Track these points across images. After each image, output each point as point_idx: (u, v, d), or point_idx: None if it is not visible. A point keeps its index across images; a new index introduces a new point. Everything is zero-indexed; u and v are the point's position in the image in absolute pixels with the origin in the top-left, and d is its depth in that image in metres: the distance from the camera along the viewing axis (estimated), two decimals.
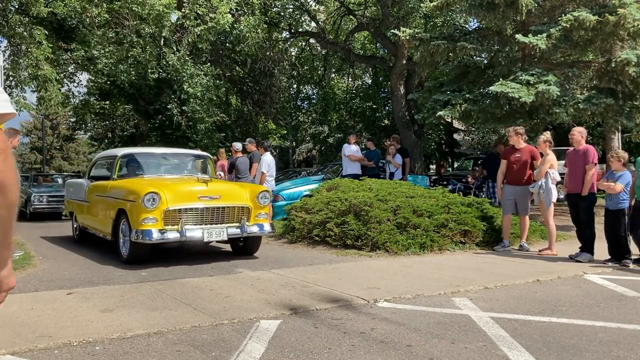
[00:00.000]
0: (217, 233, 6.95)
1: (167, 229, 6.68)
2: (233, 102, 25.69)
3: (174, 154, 9.27)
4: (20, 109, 16.85)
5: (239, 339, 3.97)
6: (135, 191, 6.78)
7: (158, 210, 6.59)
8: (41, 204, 14.20)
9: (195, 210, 6.90)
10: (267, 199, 7.36)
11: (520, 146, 8.15)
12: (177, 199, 6.78)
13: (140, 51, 16.64)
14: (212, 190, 7.05)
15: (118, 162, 8.13)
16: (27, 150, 48.83)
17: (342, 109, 28.67)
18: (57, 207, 13.89)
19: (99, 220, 8.04)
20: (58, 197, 13.82)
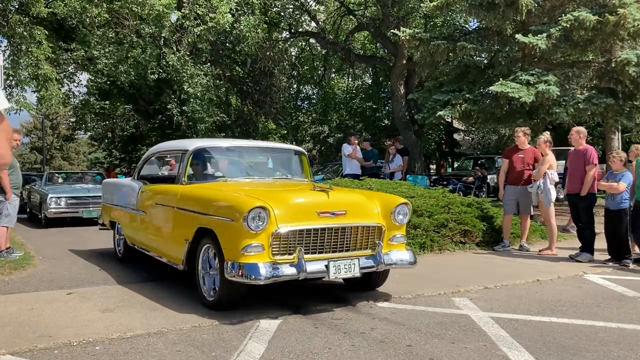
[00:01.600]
0: (347, 267, 4.71)
1: (278, 262, 4.49)
2: (233, 102, 25.68)
3: (263, 149, 6.97)
4: (20, 109, 16.83)
5: (239, 339, 3.97)
6: (233, 204, 4.61)
7: (265, 233, 4.42)
8: (59, 207, 11.92)
9: (315, 232, 4.66)
10: (406, 214, 5.23)
11: (524, 147, 8.17)
12: (290, 215, 4.60)
13: (140, 51, 16.64)
14: (335, 203, 4.83)
15: (190, 158, 5.80)
16: (27, 150, 48.83)
17: (342, 109, 28.67)
18: (76, 211, 12.01)
19: (162, 239, 5.85)
20: (79, 199, 12.12)
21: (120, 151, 30.01)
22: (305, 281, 4.83)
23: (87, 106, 23.36)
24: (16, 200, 7.40)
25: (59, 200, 11.94)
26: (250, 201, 4.49)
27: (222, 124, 20.30)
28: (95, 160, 39.98)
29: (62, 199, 12.00)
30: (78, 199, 12.11)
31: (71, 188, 13.07)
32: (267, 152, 6.88)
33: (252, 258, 4.40)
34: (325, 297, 5.22)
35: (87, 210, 11.96)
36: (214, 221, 4.75)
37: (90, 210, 11.87)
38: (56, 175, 15.10)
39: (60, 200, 11.96)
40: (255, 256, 4.41)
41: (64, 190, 12.52)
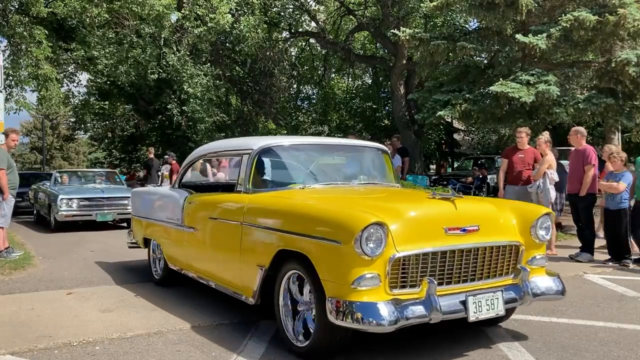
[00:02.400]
0: (489, 302, 3.56)
1: (399, 297, 3.32)
2: (233, 102, 25.69)
3: (343, 147, 5.54)
4: (20, 109, 16.83)
5: (239, 339, 3.97)
6: (339, 220, 3.44)
7: (381, 258, 3.28)
8: (70, 209, 10.74)
9: (443, 255, 3.49)
10: (548, 229, 4.01)
11: (524, 147, 8.17)
12: (411, 234, 3.41)
13: (140, 52, 16.64)
14: (465, 216, 3.66)
15: (255, 160, 4.53)
16: (27, 150, 48.82)
17: (342, 109, 28.66)
18: (89, 214, 11.00)
19: (221, 264, 4.63)
20: (92, 201, 11.07)
21: (120, 151, 30.01)
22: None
23: (87, 106, 23.37)
24: (12, 200, 7.39)
25: (71, 202, 10.77)
26: (363, 216, 3.30)
27: (222, 124, 20.31)
28: (95, 160, 39.98)
29: (74, 200, 10.82)
30: (91, 200, 11.05)
31: (84, 188, 11.93)
32: (347, 150, 5.48)
33: (367, 294, 3.26)
34: None
35: (101, 212, 11.03)
36: (306, 243, 3.53)
37: (104, 212, 11.06)
38: (66, 174, 13.61)
39: (71, 202, 10.79)
40: (370, 291, 3.26)
41: (75, 191, 11.36)
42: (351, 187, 4.80)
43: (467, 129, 27.23)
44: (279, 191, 4.43)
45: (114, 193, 11.51)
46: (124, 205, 10.84)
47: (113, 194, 11.45)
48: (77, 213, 10.86)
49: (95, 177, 13.52)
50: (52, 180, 12.55)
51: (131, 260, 7.21)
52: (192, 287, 5.61)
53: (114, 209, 11.13)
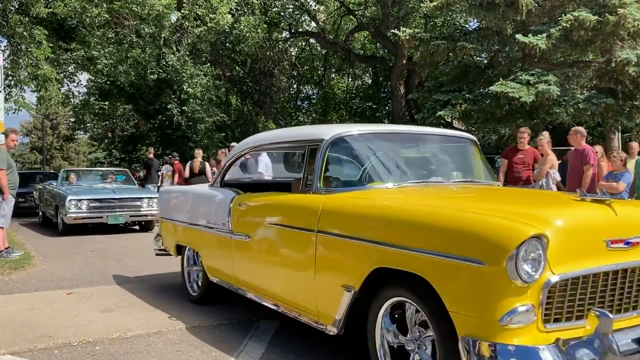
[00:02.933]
0: None
1: (558, 334, 2.47)
2: (233, 102, 25.70)
3: (432, 137, 4.48)
4: (19, 109, 16.82)
5: (239, 339, 3.97)
6: (484, 231, 2.50)
7: (536, 284, 2.41)
8: (79, 211, 10.05)
9: (605, 277, 2.65)
10: None
11: (524, 147, 8.17)
12: (569, 250, 2.56)
13: (140, 51, 16.64)
14: (630, 223, 2.83)
15: (326, 152, 3.66)
16: (27, 150, 48.83)
17: (342, 109, 28.66)
18: (100, 216, 10.29)
19: (289, 282, 3.69)
20: (103, 202, 10.40)
21: (120, 151, 30.00)
22: None
23: (86, 106, 23.37)
24: (12, 200, 7.39)
25: (80, 203, 10.04)
26: (519, 228, 2.43)
27: (222, 124, 20.31)
28: (95, 160, 39.98)
29: (84, 201, 10.09)
30: (102, 201, 10.36)
31: (93, 189, 11.19)
32: (435, 141, 4.46)
33: (519, 333, 2.39)
34: None
35: (112, 214, 10.34)
36: (422, 261, 2.67)
37: (116, 215, 10.40)
38: (74, 173, 12.58)
39: (81, 203, 10.06)
40: (522, 330, 2.39)
41: (85, 191, 10.65)
42: (449, 186, 3.89)
43: (467, 129, 27.22)
44: (360, 191, 3.53)
45: (126, 193, 10.93)
46: (137, 206, 10.64)
47: (125, 194, 10.85)
48: (87, 215, 10.15)
49: (106, 176, 12.72)
50: (59, 180, 11.81)
51: (131, 260, 7.21)
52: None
53: (126, 210, 10.57)
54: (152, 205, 10.55)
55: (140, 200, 10.73)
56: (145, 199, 10.75)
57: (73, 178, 12.04)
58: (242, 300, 5.03)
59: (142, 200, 10.73)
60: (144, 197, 10.85)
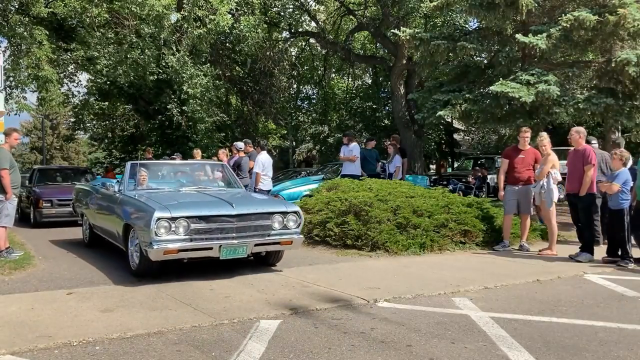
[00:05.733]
0: None
1: None
2: (233, 102, 25.70)
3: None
4: (21, 110, 16.79)
5: (239, 339, 3.98)
6: None
7: None
8: (176, 238, 5.56)
9: None
10: None
11: (525, 147, 8.17)
12: None
13: (140, 52, 16.64)
14: None
15: None
16: (27, 150, 48.85)
17: (342, 109, 28.69)
18: (208, 247, 5.69)
19: None
20: (211, 222, 5.57)
21: (120, 151, 30.01)
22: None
23: (86, 107, 23.38)
24: (15, 200, 7.42)
25: (176, 225, 5.66)
26: None
27: (222, 124, 20.32)
28: (95, 160, 39.98)
29: (181, 221, 5.70)
30: (212, 220, 5.90)
31: (189, 195, 6.87)
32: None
33: None
34: (325, 297, 5.22)
35: (229, 244, 5.89)
36: None
37: (234, 244, 5.93)
38: (146, 169, 7.57)
39: (178, 225, 5.69)
40: None
41: (182, 203, 6.12)
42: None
43: (467, 129, 27.26)
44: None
45: (248, 205, 6.30)
46: (266, 227, 6.15)
47: (247, 206, 6.22)
48: (187, 246, 5.71)
49: (196, 173, 8.11)
50: (125, 179, 7.13)
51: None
52: (193, 287, 5.62)
53: (251, 235, 6.05)
54: (289, 224, 6.30)
55: (271, 217, 6.20)
56: (278, 214, 6.27)
57: (144, 177, 7.29)
58: (242, 300, 5.03)
59: (274, 217, 6.23)
60: (275, 210, 6.29)
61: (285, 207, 6.52)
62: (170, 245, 5.64)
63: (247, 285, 5.76)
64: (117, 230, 6.70)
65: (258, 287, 5.62)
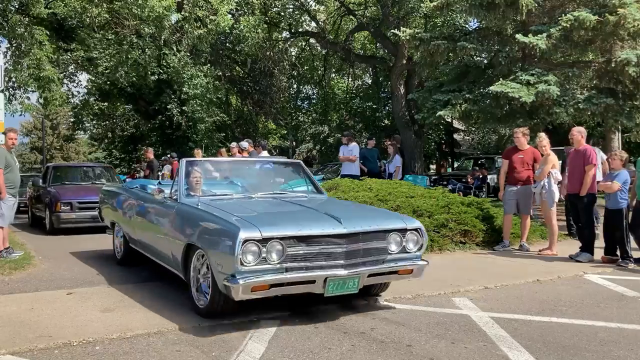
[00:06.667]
0: None
1: None
2: (233, 102, 25.71)
3: None
4: (25, 111, 16.74)
5: (239, 339, 3.97)
6: None
7: None
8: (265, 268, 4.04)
9: None
10: None
11: (523, 147, 8.18)
12: None
13: (140, 52, 16.64)
14: None
15: None
16: (27, 150, 48.84)
17: (342, 109, 28.69)
18: (309, 280, 4.07)
19: None
20: (313, 244, 4.01)
21: (120, 151, 30.00)
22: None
23: (86, 107, 23.37)
24: (11, 200, 7.32)
25: (268, 249, 4.10)
26: None
27: (222, 124, 20.32)
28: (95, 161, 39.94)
29: (274, 244, 4.13)
30: (314, 241, 4.30)
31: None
32: None
33: None
34: (325, 297, 5.21)
35: (337, 276, 4.28)
36: None
37: (344, 276, 4.32)
38: (202, 167, 5.99)
39: (270, 249, 4.13)
40: None
41: (268, 216, 4.73)
42: None
43: (467, 129, 27.26)
44: None
45: (360, 219, 4.67)
46: (382, 251, 4.57)
47: (359, 221, 4.57)
48: (283, 279, 4.16)
49: (263, 173, 6.58)
50: (181, 183, 5.33)
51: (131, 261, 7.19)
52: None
53: (363, 263, 4.46)
54: (408, 245, 4.69)
55: (387, 236, 4.60)
56: (395, 232, 4.65)
57: (198, 179, 5.51)
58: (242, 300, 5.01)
59: (390, 236, 4.63)
60: (392, 227, 4.68)
61: (404, 222, 4.77)
62: (260, 278, 4.04)
63: None
64: (171, 251, 5.08)
65: None
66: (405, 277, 4.79)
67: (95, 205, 8.60)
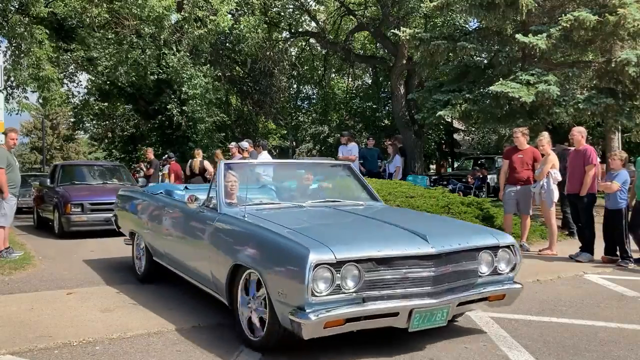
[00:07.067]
0: None
1: None
2: (233, 102, 25.70)
3: None
4: (23, 110, 16.78)
5: (239, 339, 3.97)
6: None
7: None
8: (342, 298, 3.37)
9: None
10: None
11: (523, 147, 8.18)
12: None
13: (140, 52, 16.64)
14: None
15: None
16: (27, 150, 48.84)
17: (342, 109, 28.68)
18: (391, 311, 3.40)
19: None
20: (395, 265, 3.29)
21: (120, 151, 29.97)
22: None
23: (86, 107, 23.36)
24: (13, 199, 7.36)
25: (347, 272, 3.37)
26: None
27: (222, 124, 20.32)
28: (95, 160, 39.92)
29: (351, 269, 3.36)
30: (400, 263, 3.54)
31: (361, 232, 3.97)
32: None
33: None
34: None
35: (426, 307, 3.55)
36: None
37: (434, 306, 3.59)
38: (233, 172, 4.84)
39: (346, 274, 3.37)
40: None
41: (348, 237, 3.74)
42: None
43: (467, 129, 27.24)
44: None
45: (447, 235, 3.89)
46: (472, 274, 3.86)
47: (446, 238, 3.80)
48: (360, 312, 3.40)
49: (309, 176, 5.55)
50: (220, 191, 4.53)
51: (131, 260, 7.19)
52: (190, 287, 5.61)
53: (452, 290, 3.71)
54: (500, 265, 4.01)
55: (477, 255, 3.87)
56: (486, 250, 3.93)
57: (233, 183, 4.74)
58: None
59: (480, 255, 3.90)
60: (483, 244, 3.94)
61: (495, 237, 4.04)
62: (335, 311, 3.29)
63: None
64: (211, 271, 4.30)
65: None
66: (497, 303, 4.07)
67: (108, 207, 8.24)
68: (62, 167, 11.54)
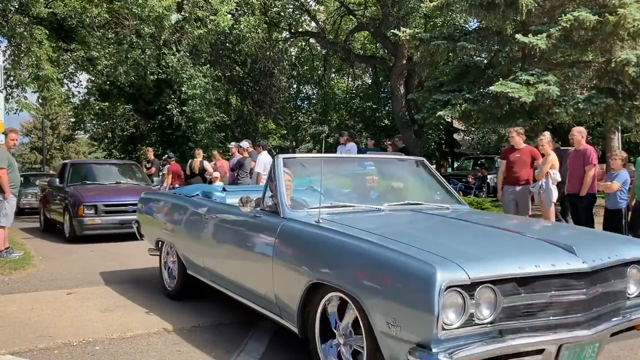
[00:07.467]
0: None
1: None
2: (233, 102, 25.69)
3: None
4: (21, 109, 16.80)
5: (239, 339, 3.97)
6: None
7: None
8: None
9: None
10: None
11: (520, 146, 8.16)
12: None
13: (140, 52, 16.64)
14: None
15: None
16: (27, 150, 48.84)
17: (342, 109, 28.68)
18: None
19: None
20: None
21: (120, 151, 29.97)
22: None
23: (86, 107, 23.36)
24: (14, 199, 7.40)
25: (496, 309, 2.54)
26: None
27: (222, 124, 20.32)
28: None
29: (481, 307, 2.53)
30: (536, 287, 2.66)
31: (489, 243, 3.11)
32: None
33: None
34: None
35: (576, 341, 2.68)
36: None
37: (585, 340, 2.72)
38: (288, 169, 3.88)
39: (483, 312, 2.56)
40: None
41: (475, 250, 2.85)
42: None
43: (467, 129, 27.24)
44: None
45: (594, 245, 3.08)
46: (621, 295, 3.01)
47: (596, 249, 2.97)
48: (497, 349, 2.48)
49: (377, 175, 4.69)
50: (280, 192, 3.66)
51: (131, 260, 7.20)
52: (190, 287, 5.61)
53: (605, 316, 2.86)
54: None
55: (625, 272, 3.02)
56: (634, 266, 3.08)
57: (289, 183, 3.85)
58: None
59: (628, 272, 3.04)
60: (630, 258, 3.05)
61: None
62: (469, 350, 2.42)
63: None
64: (275, 290, 3.48)
65: None
66: None
67: (124, 209, 7.89)
68: (72, 165, 10.71)
